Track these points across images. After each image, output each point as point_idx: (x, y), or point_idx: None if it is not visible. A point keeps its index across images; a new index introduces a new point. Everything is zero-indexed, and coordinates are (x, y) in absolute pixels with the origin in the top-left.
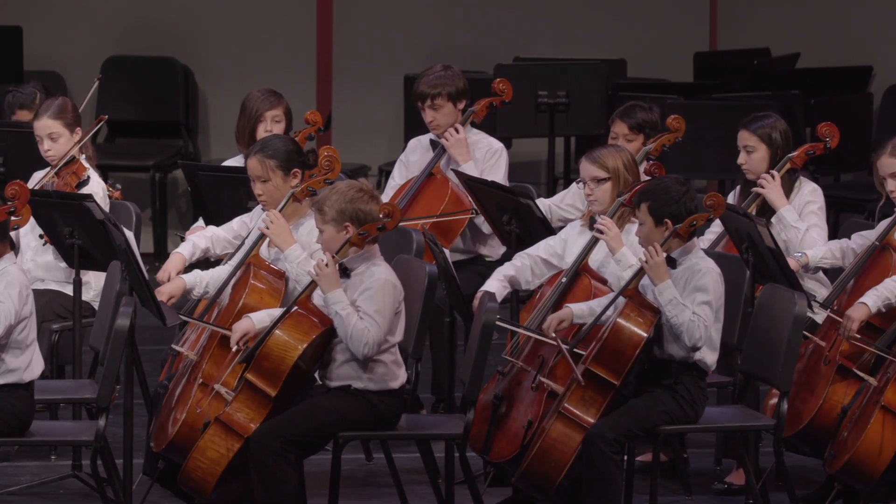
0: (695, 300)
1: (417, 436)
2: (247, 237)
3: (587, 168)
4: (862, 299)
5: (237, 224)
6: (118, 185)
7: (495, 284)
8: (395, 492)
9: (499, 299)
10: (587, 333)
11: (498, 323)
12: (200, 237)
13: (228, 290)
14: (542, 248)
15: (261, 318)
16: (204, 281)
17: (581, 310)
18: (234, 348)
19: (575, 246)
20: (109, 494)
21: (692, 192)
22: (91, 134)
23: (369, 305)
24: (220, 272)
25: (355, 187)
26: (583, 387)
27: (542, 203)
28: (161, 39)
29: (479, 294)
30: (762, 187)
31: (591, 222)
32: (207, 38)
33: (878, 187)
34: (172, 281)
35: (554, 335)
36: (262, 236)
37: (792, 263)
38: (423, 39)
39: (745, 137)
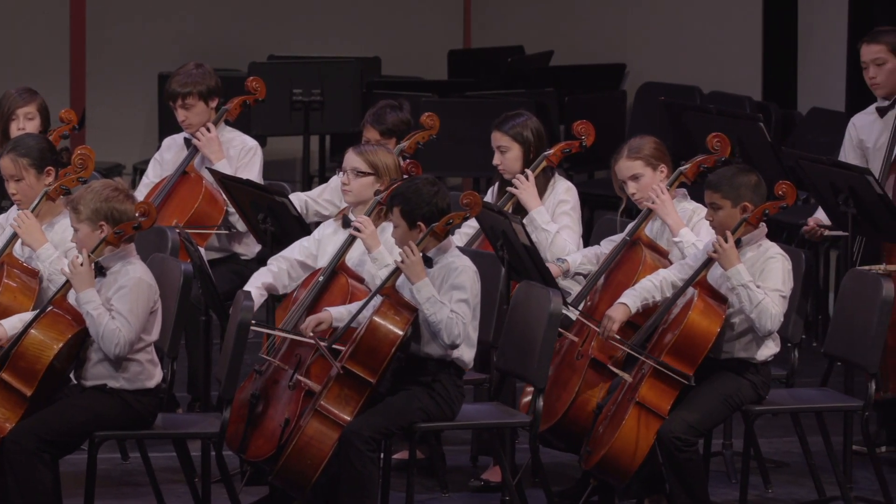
0: (452, 298)
1: (173, 435)
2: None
3: (352, 158)
4: (621, 299)
5: None
6: None
7: (253, 293)
8: (152, 491)
9: (256, 307)
10: (344, 331)
11: (254, 328)
12: None
13: None
14: (297, 251)
15: (13, 324)
16: None
17: (340, 312)
18: None
19: (329, 245)
20: None
21: (444, 191)
22: None
23: (122, 305)
24: None
25: (110, 186)
26: (339, 385)
27: (299, 197)
28: None
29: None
30: (516, 188)
31: (344, 221)
32: None
33: (618, 192)
34: None
35: (312, 334)
36: (15, 235)
37: (554, 269)
38: (178, 37)
39: (498, 138)
